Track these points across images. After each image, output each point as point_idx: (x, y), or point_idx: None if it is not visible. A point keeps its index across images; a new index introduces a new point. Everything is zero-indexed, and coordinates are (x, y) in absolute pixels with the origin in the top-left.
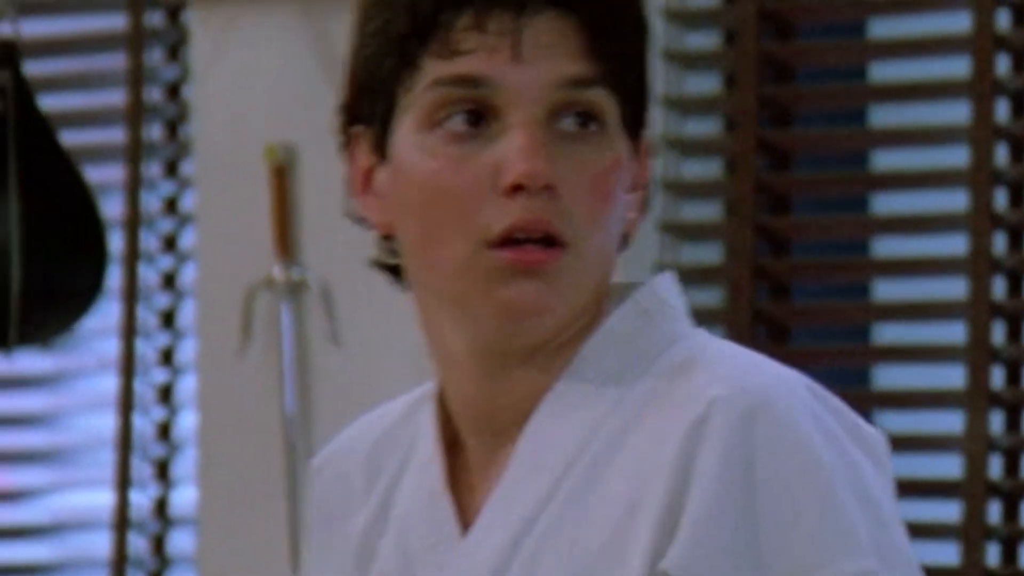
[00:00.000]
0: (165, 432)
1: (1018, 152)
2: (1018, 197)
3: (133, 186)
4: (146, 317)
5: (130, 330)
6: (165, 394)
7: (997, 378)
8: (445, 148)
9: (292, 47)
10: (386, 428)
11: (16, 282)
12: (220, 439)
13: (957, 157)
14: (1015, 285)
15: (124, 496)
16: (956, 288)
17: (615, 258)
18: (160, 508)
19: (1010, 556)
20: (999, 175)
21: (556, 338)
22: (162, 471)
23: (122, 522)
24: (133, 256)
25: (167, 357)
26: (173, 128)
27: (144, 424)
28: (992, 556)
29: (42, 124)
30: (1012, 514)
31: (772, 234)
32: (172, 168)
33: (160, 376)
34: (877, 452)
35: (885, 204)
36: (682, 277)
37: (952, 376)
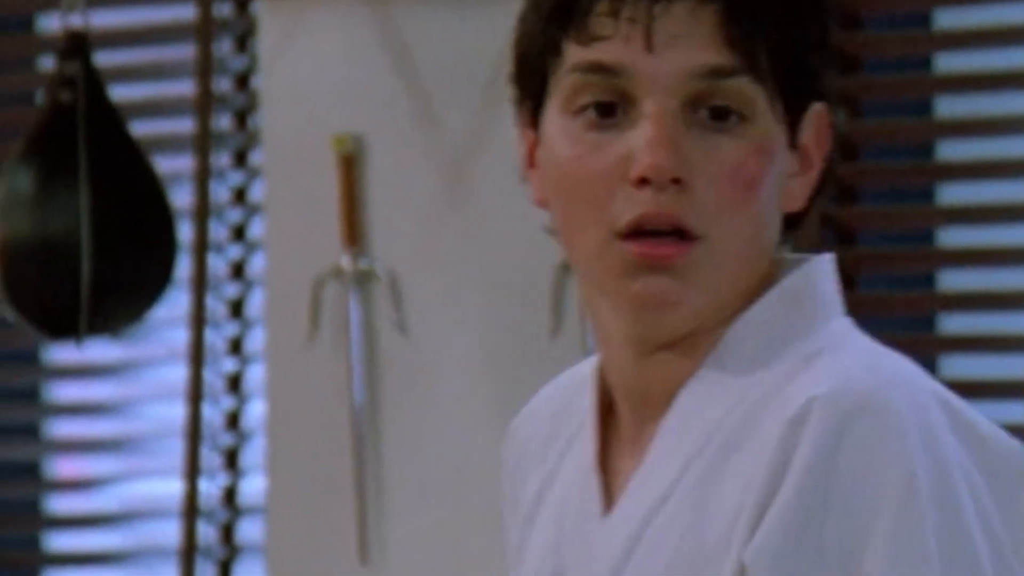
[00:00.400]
0: (234, 421)
1: None
2: None
3: (202, 176)
4: (215, 307)
5: (199, 320)
6: (234, 383)
7: None
8: (584, 134)
9: (360, 36)
10: (568, 394)
11: (86, 273)
12: (288, 428)
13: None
14: None
15: (193, 485)
16: (1022, 278)
17: (769, 244)
18: (229, 497)
19: None
20: None
21: (700, 326)
22: (231, 460)
23: (191, 511)
24: (202, 246)
25: (236, 347)
26: (242, 118)
27: (213, 413)
28: None
29: (112, 115)
30: None
31: (838, 224)
32: (241, 158)
33: (229, 365)
34: (1001, 472)
35: (951, 194)
36: None
37: (1018, 366)
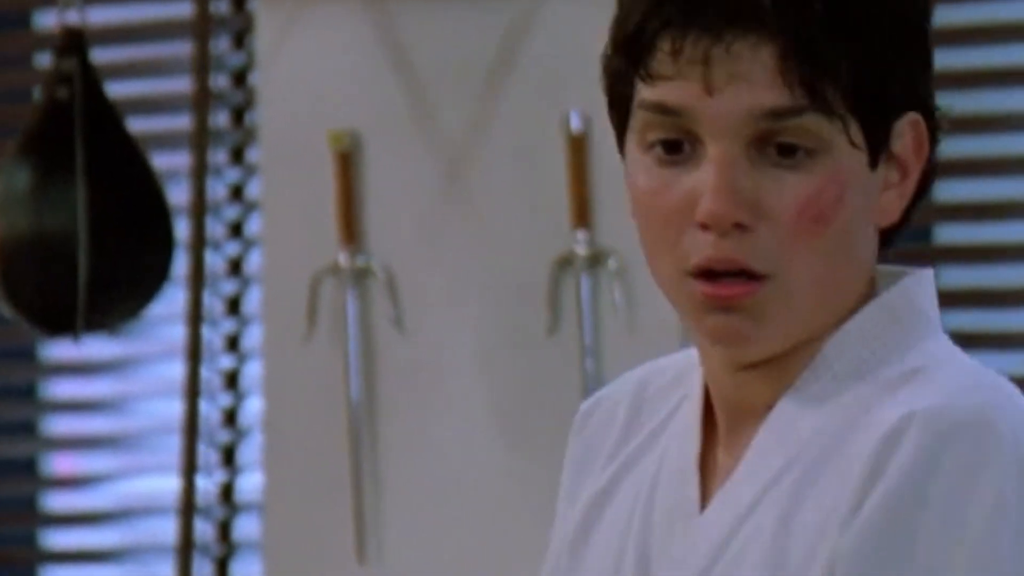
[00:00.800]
0: (231, 418)
1: None
2: None
3: (199, 173)
4: (212, 303)
5: (196, 317)
6: (231, 380)
7: None
8: (655, 169)
9: (357, 34)
10: (661, 385)
11: (83, 269)
12: (285, 425)
13: (1020, 144)
14: None
15: (190, 482)
16: (1020, 276)
17: (857, 265)
18: (226, 494)
19: None
20: None
21: (787, 350)
22: (228, 457)
23: (188, 508)
24: (199, 243)
25: (233, 343)
26: (239, 115)
27: (210, 410)
28: None
29: (109, 111)
30: None
31: None
32: (238, 155)
33: (226, 362)
34: None
35: (948, 191)
36: None
37: (1017, 363)
